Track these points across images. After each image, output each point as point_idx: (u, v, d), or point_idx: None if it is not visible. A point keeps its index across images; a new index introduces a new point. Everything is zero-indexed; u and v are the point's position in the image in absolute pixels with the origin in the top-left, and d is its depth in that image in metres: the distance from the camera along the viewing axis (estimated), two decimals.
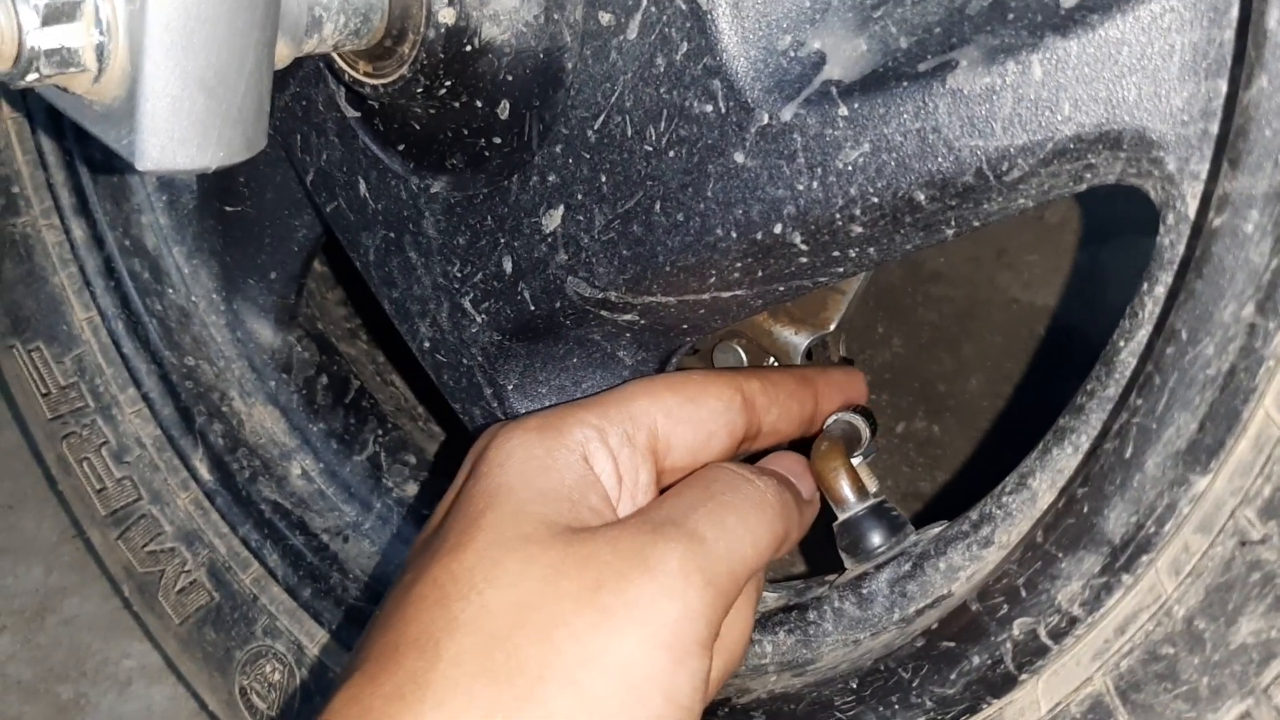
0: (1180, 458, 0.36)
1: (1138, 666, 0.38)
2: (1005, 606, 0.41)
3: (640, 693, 0.39)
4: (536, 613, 0.40)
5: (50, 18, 0.39)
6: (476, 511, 0.43)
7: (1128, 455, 0.37)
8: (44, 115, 0.72)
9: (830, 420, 0.55)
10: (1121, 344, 0.40)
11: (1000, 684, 0.41)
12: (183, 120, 0.41)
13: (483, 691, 0.39)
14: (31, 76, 0.40)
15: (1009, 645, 0.41)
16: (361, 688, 0.40)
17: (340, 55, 0.51)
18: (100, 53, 0.40)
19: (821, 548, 0.79)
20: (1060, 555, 0.39)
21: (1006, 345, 0.91)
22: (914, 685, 0.44)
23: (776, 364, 0.65)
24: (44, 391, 0.74)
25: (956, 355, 0.91)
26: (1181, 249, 0.38)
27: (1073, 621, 0.39)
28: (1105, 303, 0.94)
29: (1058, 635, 0.40)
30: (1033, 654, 0.40)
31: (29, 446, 0.92)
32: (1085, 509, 0.39)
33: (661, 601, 0.40)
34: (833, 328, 0.65)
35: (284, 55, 0.46)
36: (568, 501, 0.43)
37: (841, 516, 0.51)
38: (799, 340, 0.65)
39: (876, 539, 0.50)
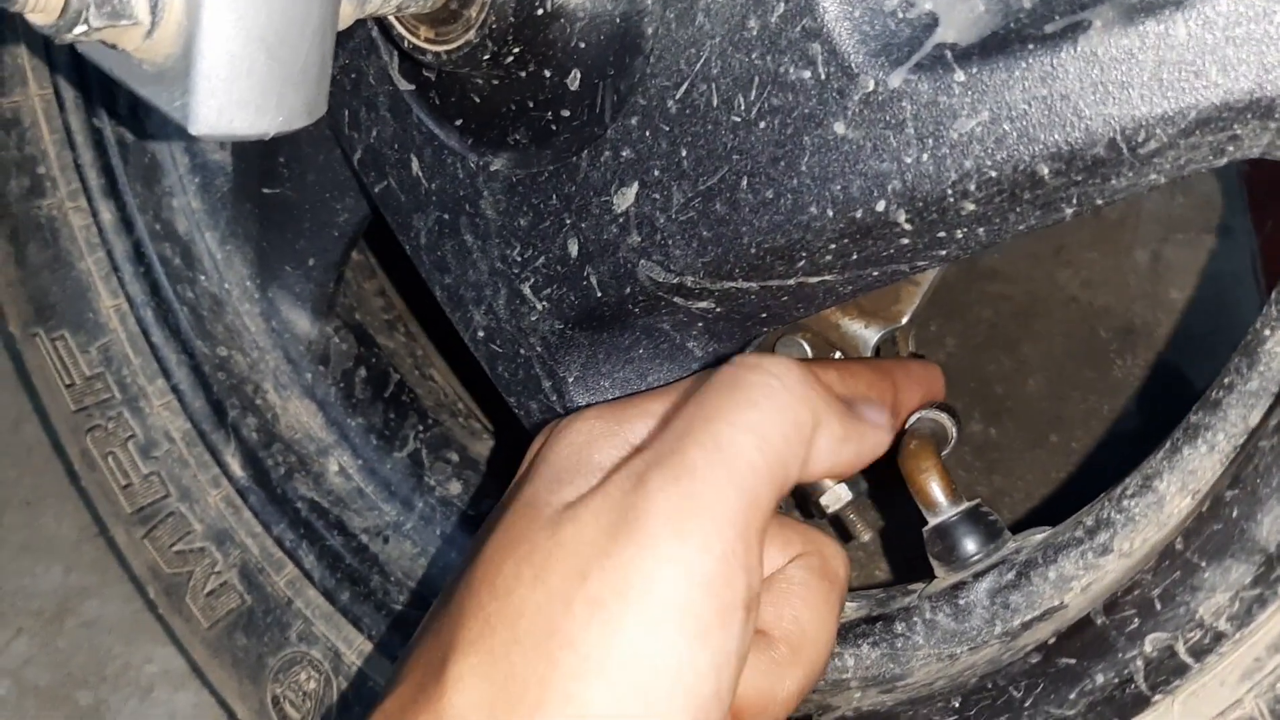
0: None
1: None
2: (1136, 620, 0.38)
3: (650, 693, 0.34)
4: (531, 623, 0.36)
5: None
6: (538, 491, 0.41)
7: None
8: (73, 92, 0.69)
9: (914, 418, 0.51)
10: (1267, 332, 0.37)
11: (1130, 705, 0.38)
12: (242, 81, 0.38)
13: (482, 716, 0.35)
14: (79, 29, 0.37)
15: (1140, 663, 0.38)
16: (408, 700, 0.38)
17: (400, 20, 0.48)
18: (154, 4, 0.37)
19: (897, 550, 0.76)
20: (1203, 564, 0.36)
21: (1066, 345, 0.88)
22: (1026, 705, 0.40)
23: (844, 358, 0.61)
24: (68, 383, 0.71)
25: (1014, 355, 0.88)
26: None
27: (1218, 637, 0.35)
28: (1166, 302, 0.90)
29: (1200, 652, 0.36)
30: (1170, 672, 0.37)
31: (51, 440, 0.89)
32: (1234, 513, 0.35)
33: (655, 571, 0.34)
34: (905, 321, 0.61)
35: (347, 14, 0.42)
36: (579, 473, 0.39)
37: (933, 521, 0.47)
38: (869, 334, 0.61)
39: (972, 546, 0.46)
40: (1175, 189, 0.95)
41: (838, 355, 0.62)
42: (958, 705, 0.42)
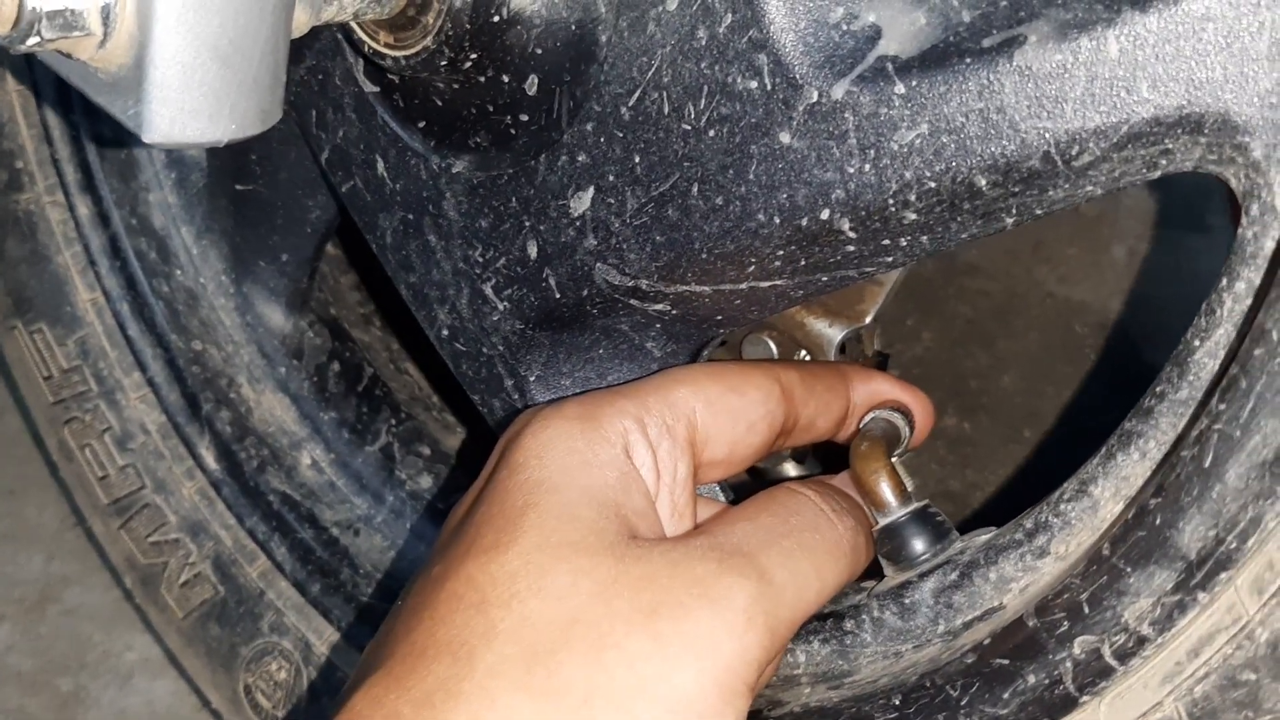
0: (1267, 468, 0.33)
1: (1214, 693, 0.35)
2: (1066, 623, 0.38)
3: None
4: (586, 630, 0.37)
5: None
6: (516, 508, 0.41)
7: (1207, 464, 0.35)
8: (50, 88, 0.70)
9: (868, 418, 0.52)
10: (1197, 343, 0.37)
11: (1059, 706, 0.39)
12: (194, 90, 0.39)
13: (523, 708, 0.36)
14: (32, 41, 0.37)
15: (1069, 664, 0.38)
16: (386, 689, 0.38)
17: (361, 25, 0.48)
18: (106, 16, 0.37)
19: None
20: (1129, 570, 0.37)
21: (1043, 341, 0.88)
22: (963, 704, 0.41)
23: (809, 358, 0.62)
24: (46, 375, 0.71)
25: (990, 351, 0.89)
26: (1269, 242, 0.35)
27: (1141, 641, 0.36)
28: (1144, 299, 0.91)
29: (1124, 656, 0.37)
30: (1096, 675, 0.38)
31: (30, 431, 0.89)
32: (1158, 521, 0.36)
33: (722, 639, 0.38)
34: (869, 320, 0.62)
35: (302, 22, 0.43)
36: (614, 504, 0.41)
37: (883, 521, 0.48)
38: (833, 333, 0.62)
39: (920, 545, 0.47)
40: (1154, 186, 0.96)
41: (803, 354, 0.63)
42: (898, 703, 0.43)
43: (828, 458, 0.65)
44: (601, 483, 0.41)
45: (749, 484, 0.67)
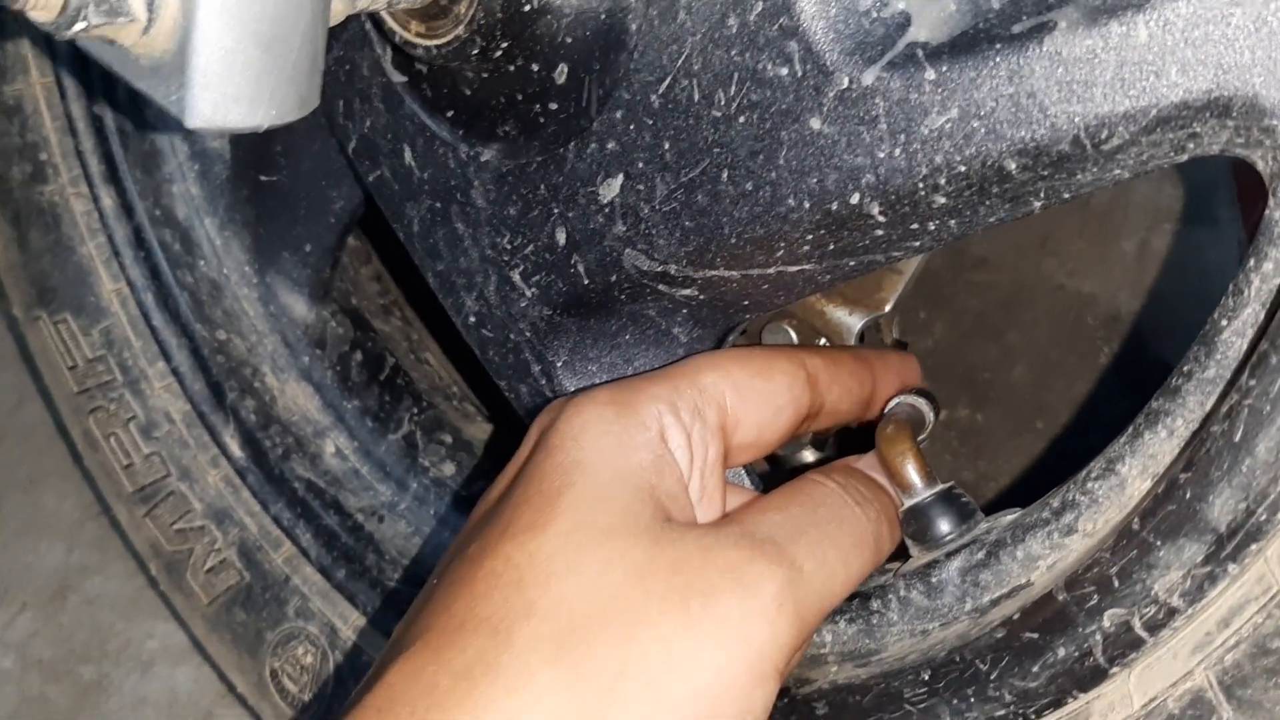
0: None
1: (1245, 661, 0.36)
2: (1095, 597, 0.39)
3: (720, 706, 0.38)
4: (621, 610, 0.38)
5: None
6: (553, 489, 0.41)
7: (1237, 439, 0.35)
8: (74, 80, 0.70)
9: (893, 403, 0.53)
10: (1224, 323, 0.38)
11: (1088, 677, 0.39)
12: (236, 76, 0.39)
13: (558, 681, 0.37)
14: (78, 26, 0.38)
15: (1099, 637, 0.39)
16: (426, 661, 0.38)
17: (392, 14, 0.49)
18: (151, 2, 0.38)
19: None
20: (1159, 543, 0.37)
21: (1052, 333, 0.89)
22: (992, 678, 0.42)
23: (829, 345, 0.63)
24: (71, 364, 0.72)
25: (1000, 343, 0.89)
26: None
27: (1171, 613, 0.37)
28: (1153, 291, 0.91)
29: (1154, 627, 0.38)
30: (1126, 646, 0.38)
31: (54, 421, 0.90)
32: (1188, 495, 0.37)
33: (753, 623, 0.39)
34: (888, 309, 0.63)
35: (339, 10, 0.44)
36: (648, 487, 0.42)
37: (908, 503, 0.49)
38: (853, 321, 0.63)
39: (945, 526, 0.48)
40: (1163, 179, 0.96)
41: (823, 341, 0.64)
42: (928, 678, 0.44)
43: (846, 445, 0.66)
44: (637, 465, 0.42)
45: (769, 472, 0.68)
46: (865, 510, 0.46)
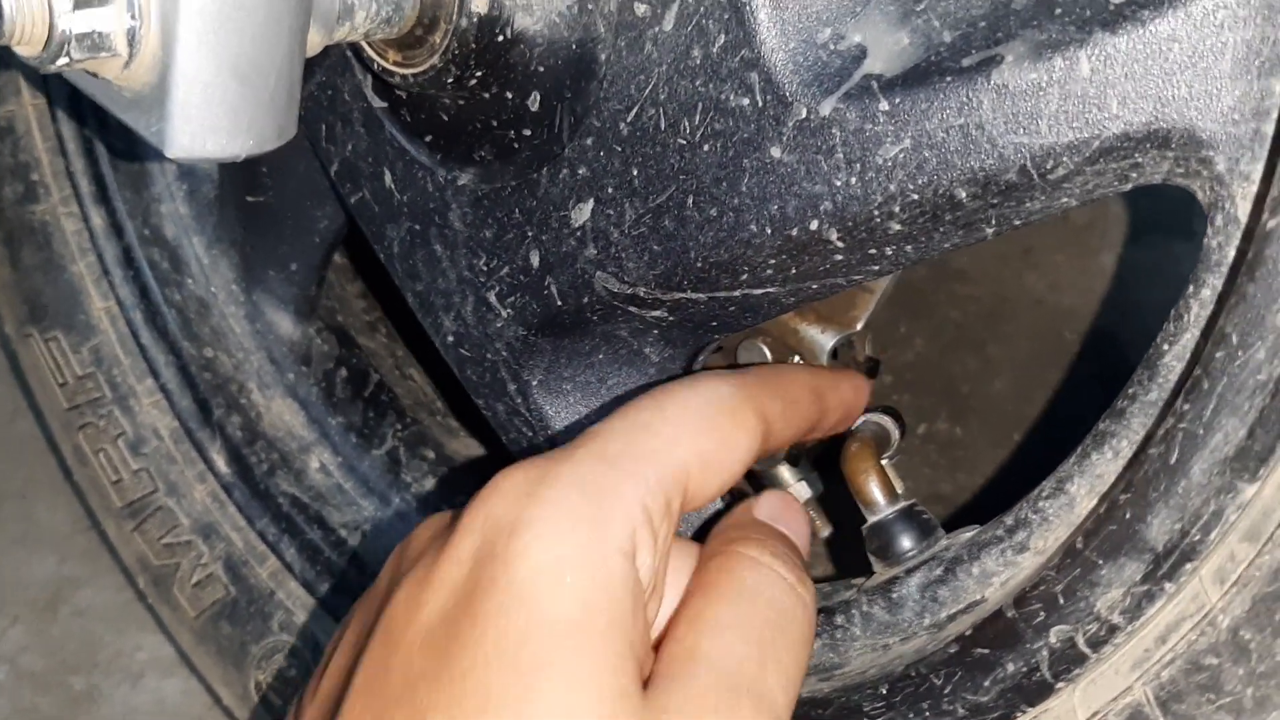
0: (1228, 464, 0.35)
1: (1179, 676, 0.37)
2: (1042, 613, 0.40)
3: None
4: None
5: (82, 1, 0.38)
6: (529, 663, 0.36)
7: (1173, 461, 0.37)
8: (65, 101, 0.72)
9: (859, 421, 0.54)
10: (1165, 347, 0.39)
11: (1035, 692, 0.41)
12: (214, 107, 0.41)
13: None
14: (62, 61, 0.39)
15: (1045, 653, 0.40)
16: None
17: (370, 44, 0.50)
18: (132, 38, 0.39)
19: (848, 549, 0.78)
20: (1101, 562, 0.39)
21: (1032, 347, 0.90)
22: (946, 692, 0.43)
23: (800, 362, 0.64)
24: (61, 381, 0.73)
25: (981, 356, 0.90)
26: (1231, 251, 0.37)
27: (1112, 630, 0.38)
28: (1131, 305, 0.93)
29: (1096, 643, 0.39)
30: (1070, 662, 0.40)
31: (44, 436, 0.91)
32: (1128, 515, 0.38)
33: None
34: (860, 326, 0.64)
35: (315, 43, 0.45)
36: (629, 646, 0.38)
37: (871, 519, 0.50)
38: (825, 339, 0.64)
39: (907, 543, 0.49)
40: (1141, 194, 0.97)
41: (796, 359, 0.65)
42: (885, 692, 0.45)
43: (823, 456, 0.67)
44: (619, 617, 0.38)
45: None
46: (805, 588, 0.43)
